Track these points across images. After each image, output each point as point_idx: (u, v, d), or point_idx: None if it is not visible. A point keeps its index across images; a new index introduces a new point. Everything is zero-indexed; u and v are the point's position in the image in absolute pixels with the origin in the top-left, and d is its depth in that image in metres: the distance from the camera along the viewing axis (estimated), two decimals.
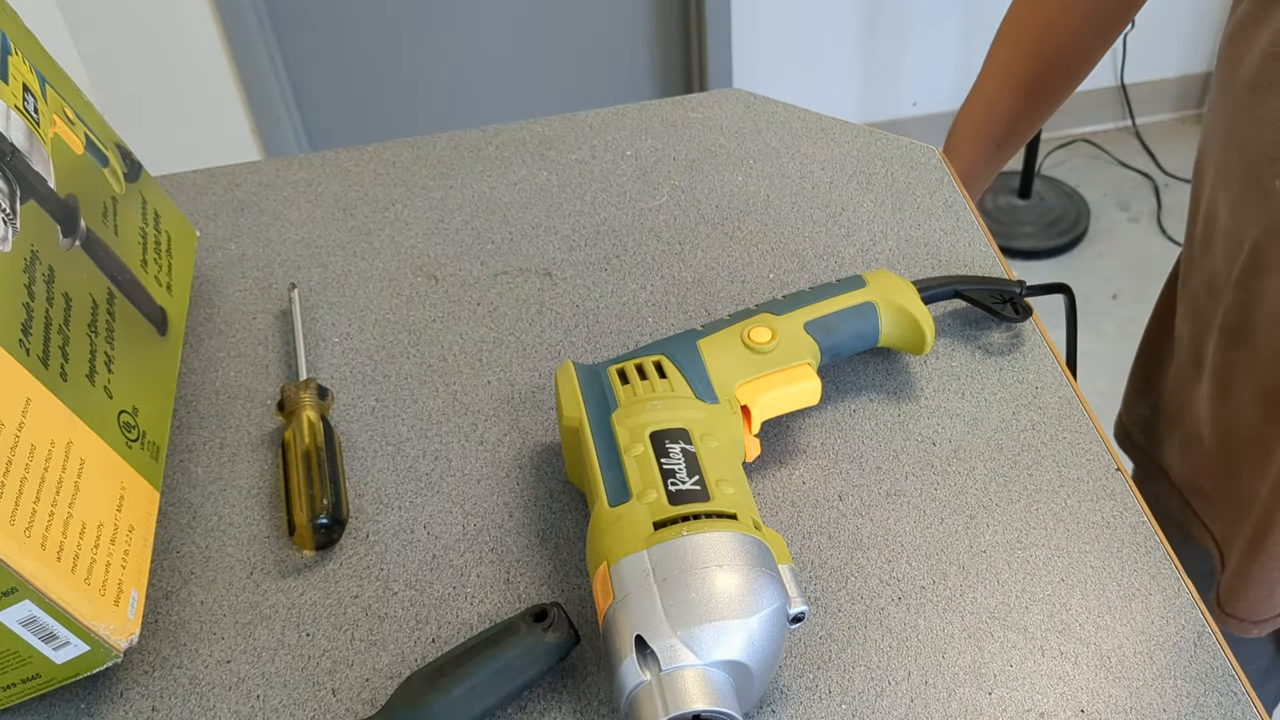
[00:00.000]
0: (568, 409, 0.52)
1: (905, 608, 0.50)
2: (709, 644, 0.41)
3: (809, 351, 0.56)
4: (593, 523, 0.47)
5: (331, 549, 0.54)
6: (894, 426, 0.58)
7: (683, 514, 0.45)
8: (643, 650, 0.42)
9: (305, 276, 0.70)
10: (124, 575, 0.48)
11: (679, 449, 0.48)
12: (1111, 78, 2.54)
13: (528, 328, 0.66)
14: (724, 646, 0.41)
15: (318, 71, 2.21)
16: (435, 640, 0.50)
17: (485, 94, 2.31)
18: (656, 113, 0.83)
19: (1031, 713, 0.46)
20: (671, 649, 0.41)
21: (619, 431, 0.50)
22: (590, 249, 0.71)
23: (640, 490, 0.46)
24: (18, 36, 0.58)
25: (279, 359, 0.65)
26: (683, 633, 0.41)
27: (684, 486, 0.46)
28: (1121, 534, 0.53)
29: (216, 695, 0.49)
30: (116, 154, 0.63)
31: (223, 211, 0.76)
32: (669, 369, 0.53)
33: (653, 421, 0.50)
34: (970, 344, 0.63)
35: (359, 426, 0.61)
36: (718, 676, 0.42)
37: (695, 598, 0.42)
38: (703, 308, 0.66)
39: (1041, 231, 2.29)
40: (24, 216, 0.51)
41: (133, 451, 0.53)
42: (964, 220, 0.72)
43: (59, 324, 0.51)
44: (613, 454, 0.49)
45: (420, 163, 0.79)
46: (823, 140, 0.79)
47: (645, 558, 0.43)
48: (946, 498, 0.55)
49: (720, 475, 0.47)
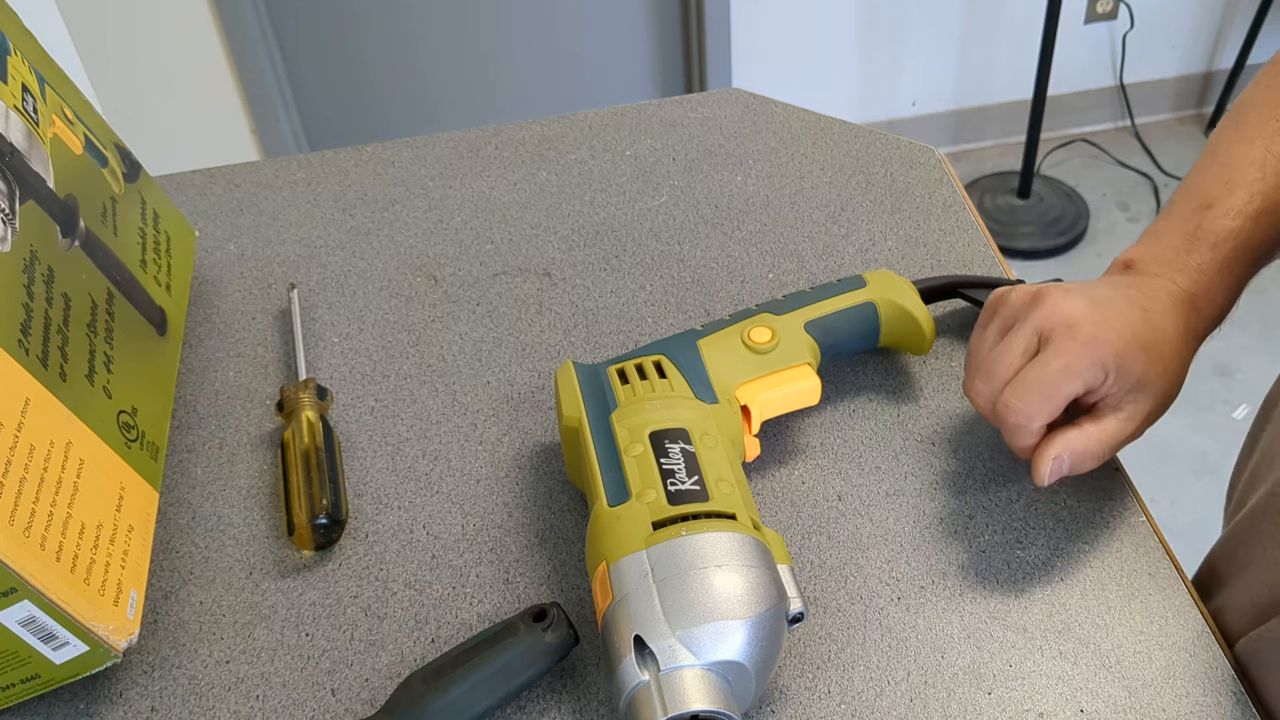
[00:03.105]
0: (567, 408, 0.52)
1: (904, 607, 0.50)
2: (708, 644, 0.41)
3: (809, 351, 0.56)
4: (592, 522, 0.47)
5: (331, 549, 0.54)
6: (894, 426, 0.58)
7: (682, 514, 0.45)
8: (641, 650, 0.42)
9: (304, 276, 0.70)
10: (123, 575, 0.48)
11: (678, 449, 0.48)
12: (1111, 77, 2.54)
13: (527, 328, 0.66)
14: (723, 647, 0.41)
15: (317, 72, 2.21)
16: (435, 640, 0.50)
17: (485, 94, 2.31)
18: (656, 113, 0.83)
19: (1031, 712, 0.46)
20: (670, 649, 0.41)
21: (618, 431, 0.50)
22: (590, 249, 0.71)
23: (640, 490, 0.46)
24: (17, 37, 0.58)
25: (278, 359, 0.65)
26: (681, 633, 0.41)
27: (683, 486, 0.46)
28: (1121, 534, 0.53)
29: (216, 695, 0.49)
30: (115, 154, 0.63)
31: (222, 211, 0.76)
32: (669, 369, 0.53)
33: (652, 421, 0.50)
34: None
35: (358, 426, 0.61)
36: (716, 677, 0.42)
37: (694, 598, 0.42)
38: (702, 308, 0.66)
39: (1041, 231, 2.29)
40: (23, 217, 0.51)
41: (132, 451, 0.52)
42: (963, 220, 0.72)
43: (58, 324, 0.51)
44: (612, 454, 0.49)
45: (419, 163, 0.79)
46: (822, 140, 0.79)
47: (644, 558, 0.43)
48: (946, 498, 0.55)
49: (720, 475, 0.47)
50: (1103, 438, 0.50)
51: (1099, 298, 0.51)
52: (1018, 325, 0.51)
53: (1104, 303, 0.51)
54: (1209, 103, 2.61)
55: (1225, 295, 0.55)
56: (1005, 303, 0.53)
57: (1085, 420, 0.51)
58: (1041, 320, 0.50)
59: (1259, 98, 0.58)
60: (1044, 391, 0.49)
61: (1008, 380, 0.50)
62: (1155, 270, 0.54)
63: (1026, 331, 0.51)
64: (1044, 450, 0.50)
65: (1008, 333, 0.52)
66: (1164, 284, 0.54)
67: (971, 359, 0.54)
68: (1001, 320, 0.53)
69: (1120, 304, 0.51)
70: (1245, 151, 0.56)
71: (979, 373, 0.52)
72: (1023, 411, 0.49)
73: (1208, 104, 2.62)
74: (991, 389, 0.51)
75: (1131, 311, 0.51)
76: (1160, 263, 0.55)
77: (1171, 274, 0.54)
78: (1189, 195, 0.57)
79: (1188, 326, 0.53)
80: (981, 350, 0.53)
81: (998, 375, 0.51)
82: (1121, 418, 0.51)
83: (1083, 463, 0.50)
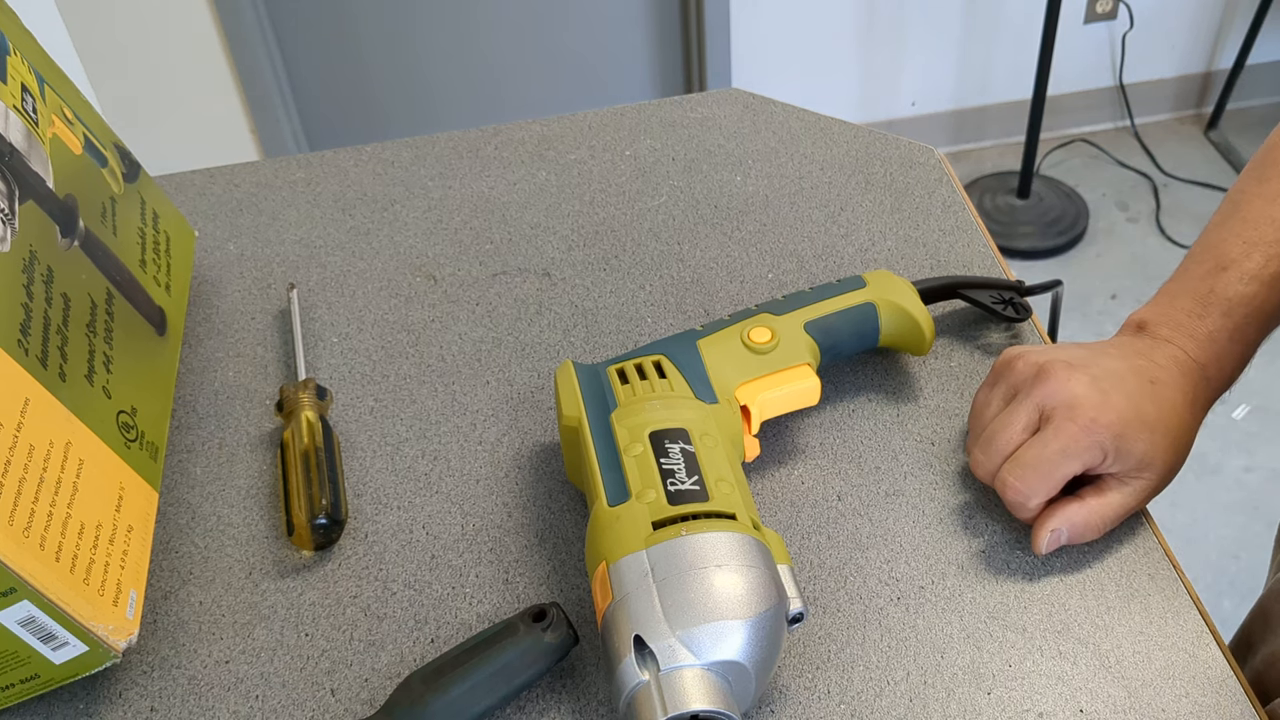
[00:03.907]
0: (567, 408, 0.52)
1: (904, 607, 0.50)
2: (707, 644, 0.41)
3: (809, 351, 0.56)
4: (592, 522, 0.47)
5: (330, 549, 0.54)
6: (893, 426, 0.58)
7: (682, 514, 0.45)
8: (641, 650, 0.42)
9: (304, 276, 0.70)
10: (123, 575, 0.48)
11: (678, 449, 0.48)
12: (1110, 78, 2.54)
13: (526, 328, 0.66)
14: (722, 647, 0.41)
15: (316, 72, 2.21)
16: (434, 640, 0.50)
17: (484, 94, 2.31)
18: (655, 113, 0.83)
19: (1030, 712, 0.46)
20: (670, 649, 0.41)
21: (618, 431, 0.50)
22: (589, 249, 0.71)
23: (639, 490, 0.46)
24: (16, 37, 0.58)
25: (278, 359, 0.65)
26: (681, 633, 0.41)
27: (683, 486, 0.46)
28: (1120, 534, 0.53)
29: (215, 695, 0.49)
30: (115, 154, 0.63)
31: (221, 212, 0.76)
32: (669, 369, 0.53)
33: (652, 421, 0.50)
34: (970, 344, 0.63)
35: (358, 426, 0.61)
36: (716, 677, 0.42)
37: (694, 598, 0.42)
38: (702, 308, 0.66)
39: (1040, 231, 2.29)
40: (23, 217, 0.51)
41: (131, 452, 0.52)
42: (963, 220, 0.72)
43: (58, 324, 0.51)
44: (612, 454, 0.49)
45: (419, 163, 0.79)
46: (822, 140, 0.79)
47: (644, 558, 0.43)
48: (945, 498, 0.55)
49: (720, 475, 0.47)
50: (1104, 511, 0.51)
51: (1103, 374, 0.51)
52: (1021, 398, 0.52)
53: (1108, 379, 0.51)
54: (1208, 103, 2.61)
55: (1234, 363, 0.55)
56: (1012, 370, 0.53)
57: (1087, 492, 0.51)
58: (1044, 397, 0.51)
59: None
60: (1041, 472, 0.50)
61: (1007, 454, 0.51)
62: (1166, 335, 0.54)
63: (1029, 406, 0.51)
64: (1043, 522, 0.51)
65: (1011, 401, 0.52)
66: (1174, 351, 0.53)
67: (974, 422, 0.54)
68: (1006, 388, 0.53)
69: (1127, 378, 0.51)
70: (1266, 209, 0.56)
71: (979, 443, 0.52)
72: (1020, 490, 0.50)
73: (1207, 104, 2.62)
74: (991, 462, 0.51)
75: (1138, 385, 0.51)
76: (1172, 326, 0.55)
77: (1182, 340, 0.54)
78: (1206, 252, 0.56)
79: (1195, 397, 0.53)
80: (985, 416, 0.53)
81: (997, 448, 0.51)
82: (1125, 491, 0.51)
83: (1082, 534, 0.51)
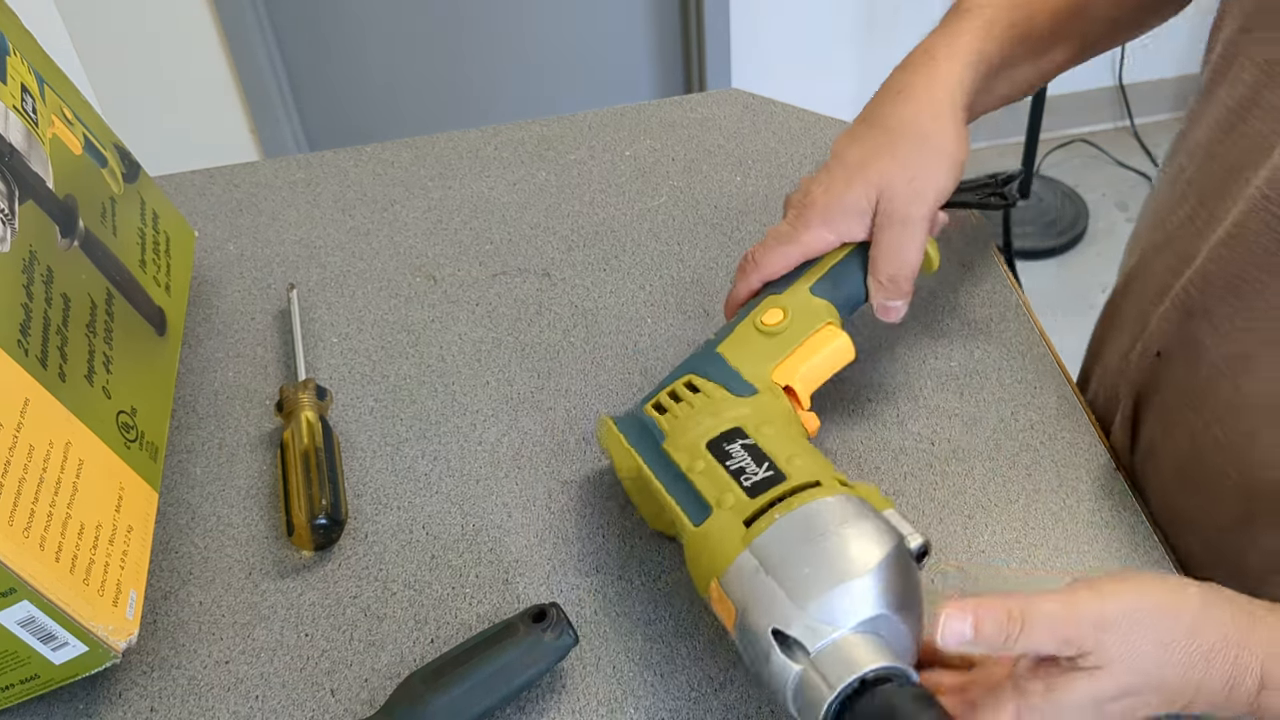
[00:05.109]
0: (621, 461, 0.51)
1: None
2: (842, 610, 0.40)
3: (826, 312, 0.55)
4: (687, 551, 0.46)
5: (330, 549, 0.54)
6: (893, 426, 0.58)
7: (768, 501, 0.44)
8: (784, 642, 0.41)
9: (304, 277, 0.70)
10: (122, 576, 0.48)
11: (738, 446, 0.48)
12: (1110, 78, 2.54)
13: (526, 328, 0.66)
14: (859, 606, 0.40)
15: (316, 72, 2.21)
16: (434, 640, 0.50)
17: (484, 94, 2.31)
18: (655, 113, 0.83)
19: None
20: (810, 629, 0.40)
21: (676, 457, 0.49)
22: (589, 249, 0.71)
23: (718, 498, 0.46)
24: (16, 37, 0.58)
25: (277, 359, 0.65)
26: (814, 609, 0.40)
27: (758, 477, 0.46)
28: (1121, 534, 0.53)
29: (215, 696, 0.49)
30: (115, 154, 0.63)
31: (221, 212, 0.76)
32: (700, 383, 0.52)
33: (704, 433, 0.49)
34: (968, 344, 0.63)
35: (358, 427, 0.61)
36: (866, 635, 0.41)
37: (811, 572, 0.41)
38: (701, 308, 0.66)
39: (1040, 231, 2.29)
40: (22, 217, 0.51)
41: (131, 452, 0.52)
42: (963, 219, 0.71)
43: (57, 324, 0.51)
44: (679, 480, 0.48)
45: (419, 163, 0.79)
46: (822, 140, 0.79)
47: (749, 556, 0.43)
48: (946, 498, 0.55)
49: (789, 454, 0.47)
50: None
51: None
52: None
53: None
54: None
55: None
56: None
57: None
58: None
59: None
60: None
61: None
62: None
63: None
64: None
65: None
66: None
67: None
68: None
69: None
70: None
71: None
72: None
73: None
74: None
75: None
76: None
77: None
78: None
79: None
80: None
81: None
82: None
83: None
